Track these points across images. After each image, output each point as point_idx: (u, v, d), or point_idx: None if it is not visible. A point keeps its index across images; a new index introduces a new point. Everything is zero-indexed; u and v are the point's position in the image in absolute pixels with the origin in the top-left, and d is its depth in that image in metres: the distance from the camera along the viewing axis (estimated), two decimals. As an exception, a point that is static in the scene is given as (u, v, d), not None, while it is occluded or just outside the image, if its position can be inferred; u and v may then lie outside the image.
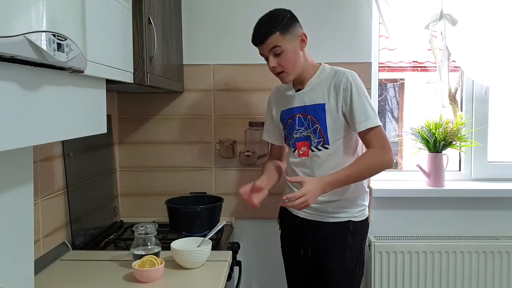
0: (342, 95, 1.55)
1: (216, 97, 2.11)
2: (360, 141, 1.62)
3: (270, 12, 1.59)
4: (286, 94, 1.69)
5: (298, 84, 1.66)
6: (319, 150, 1.60)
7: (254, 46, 1.60)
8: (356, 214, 1.63)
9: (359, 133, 1.55)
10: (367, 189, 1.71)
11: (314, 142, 1.61)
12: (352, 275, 1.63)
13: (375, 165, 1.54)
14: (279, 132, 1.77)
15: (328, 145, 1.59)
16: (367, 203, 1.69)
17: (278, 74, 1.59)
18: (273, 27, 1.52)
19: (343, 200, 1.61)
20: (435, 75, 2.16)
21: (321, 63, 1.66)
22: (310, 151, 1.62)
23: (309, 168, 1.62)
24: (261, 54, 1.60)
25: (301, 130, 1.64)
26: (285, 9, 1.60)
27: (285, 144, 1.77)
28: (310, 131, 1.61)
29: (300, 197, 1.42)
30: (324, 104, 1.58)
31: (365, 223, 1.67)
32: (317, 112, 1.59)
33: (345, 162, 1.57)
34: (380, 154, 1.53)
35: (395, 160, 1.57)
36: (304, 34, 1.58)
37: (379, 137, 1.54)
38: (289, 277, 1.82)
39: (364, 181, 1.65)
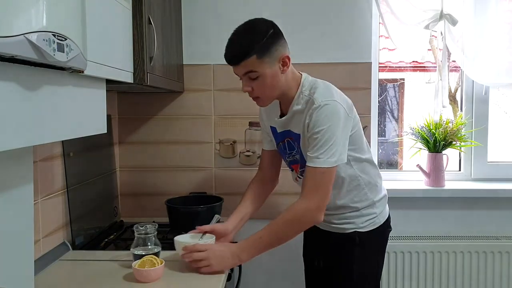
0: (306, 125, 1.38)
1: (216, 97, 2.11)
2: (358, 142, 1.49)
3: (250, 24, 1.35)
4: (273, 115, 1.54)
5: (283, 107, 1.50)
6: (304, 177, 1.42)
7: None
8: (362, 224, 1.49)
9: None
10: (382, 194, 1.56)
11: (299, 171, 1.51)
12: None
13: (295, 220, 1.35)
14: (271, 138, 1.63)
15: None
16: (378, 211, 1.52)
17: (253, 98, 1.42)
18: (249, 49, 1.29)
19: (347, 213, 1.50)
20: (435, 75, 2.16)
21: (301, 77, 1.46)
22: (298, 178, 1.54)
23: None
24: (235, 73, 1.39)
25: (293, 153, 1.52)
26: (267, 21, 1.36)
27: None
28: (299, 156, 1.49)
29: (200, 251, 1.31)
30: (300, 135, 1.43)
31: (376, 232, 1.51)
32: (297, 140, 1.46)
33: (337, 181, 1.45)
34: (302, 204, 1.34)
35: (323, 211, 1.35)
36: (287, 57, 1.36)
37: (315, 180, 1.33)
38: (307, 284, 1.74)
39: (372, 189, 1.52)
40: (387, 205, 1.60)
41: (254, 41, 1.30)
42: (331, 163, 1.33)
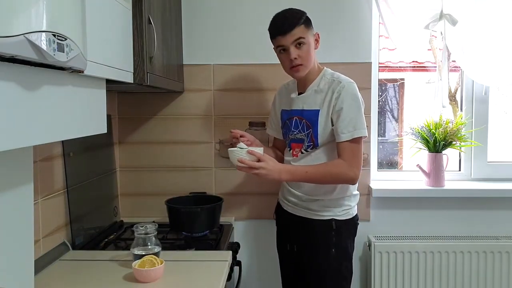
0: (333, 102, 1.58)
1: (216, 97, 2.11)
2: None
3: (290, 9, 1.61)
4: (289, 95, 1.74)
5: (301, 87, 1.70)
6: (307, 152, 1.67)
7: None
8: (339, 213, 1.66)
9: (337, 142, 1.59)
10: (356, 192, 1.73)
11: (305, 145, 1.67)
12: (338, 272, 1.66)
13: (336, 175, 1.58)
14: (277, 125, 1.84)
15: (317, 147, 1.65)
16: (353, 204, 1.70)
17: (295, 67, 1.59)
18: (300, 19, 1.57)
19: (327, 200, 1.66)
20: (435, 75, 2.16)
21: (323, 67, 1.69)
22: (300, 153, 1.69)
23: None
24: (279, 46, 1.59)
25: (295, 132, 1.70)
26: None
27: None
28: (304, 134, 1.66)
29: (259, 161, 1.51)
30: (319, 110, 1.62)
31: (351, 222, 1.69)
32: (311, 117, 1.64)
33: (330, 160, 1.64)
34: (345, 167, 1.56)
35: (359, 178, 1.61)
36: (318, 35, 1.64)
37: (352, 152, 1.56)
38: (281, 271, 1.88)
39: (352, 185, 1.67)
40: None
41: (301, 14, 1.59)
42: (362, 133, 1.56)
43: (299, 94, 1.71)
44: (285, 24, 1.57)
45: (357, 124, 1.56)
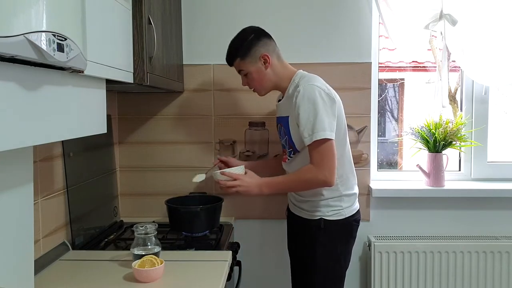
0: (294, 107, 1.57)
1: (216, 97, 2.11)
2: (339, 136, 1.62)
3: (238, 33, 1.68)
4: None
5: (283, 94, 1.74)
6: (292, 157, 1.69)
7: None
8: (327, 213, 1.65)
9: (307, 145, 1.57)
10: (350, 192, 1.69)
11: (287, 151, 1.71)
12: (324, 272, 1.66)
13: (307, 181, 1.57)
14: None
15: (299, 152, 1.65)
16: (345, 205, 1.67)
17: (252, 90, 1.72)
18: (233, 54, 1.65)
19: (317, 201, 1.66)
20: (435, 75, 2.16)
21: (297, 71, 1.67)
22: (287, 158, 1.73)
23: (289, 171, 1.72)
24: None
25: (280, 138, 1.77)
26: (252, 28, 1.67)
27: None
28: (284, 140, 1.71)
29: (235, 180, 1.58)
30: (288, 117, 1.64)
31: (342, 223, 1.66)
32: (285, 124, 1.67)
33: None
34: (314, 172, 1.54)
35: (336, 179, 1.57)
36: (266, 55, 1.62)
37: (319, 153, 1.53)
38: (290, 268, 1.88)
39: (343, 183, 1.66)
40: (356, 203, 1.74)
41: (237, 47, 1.65)
42: (321, 136, 1.51)
43: (279, 101, 1.76)
44: (226, 60, 1.69)
45: (315, 126, 1.51)
